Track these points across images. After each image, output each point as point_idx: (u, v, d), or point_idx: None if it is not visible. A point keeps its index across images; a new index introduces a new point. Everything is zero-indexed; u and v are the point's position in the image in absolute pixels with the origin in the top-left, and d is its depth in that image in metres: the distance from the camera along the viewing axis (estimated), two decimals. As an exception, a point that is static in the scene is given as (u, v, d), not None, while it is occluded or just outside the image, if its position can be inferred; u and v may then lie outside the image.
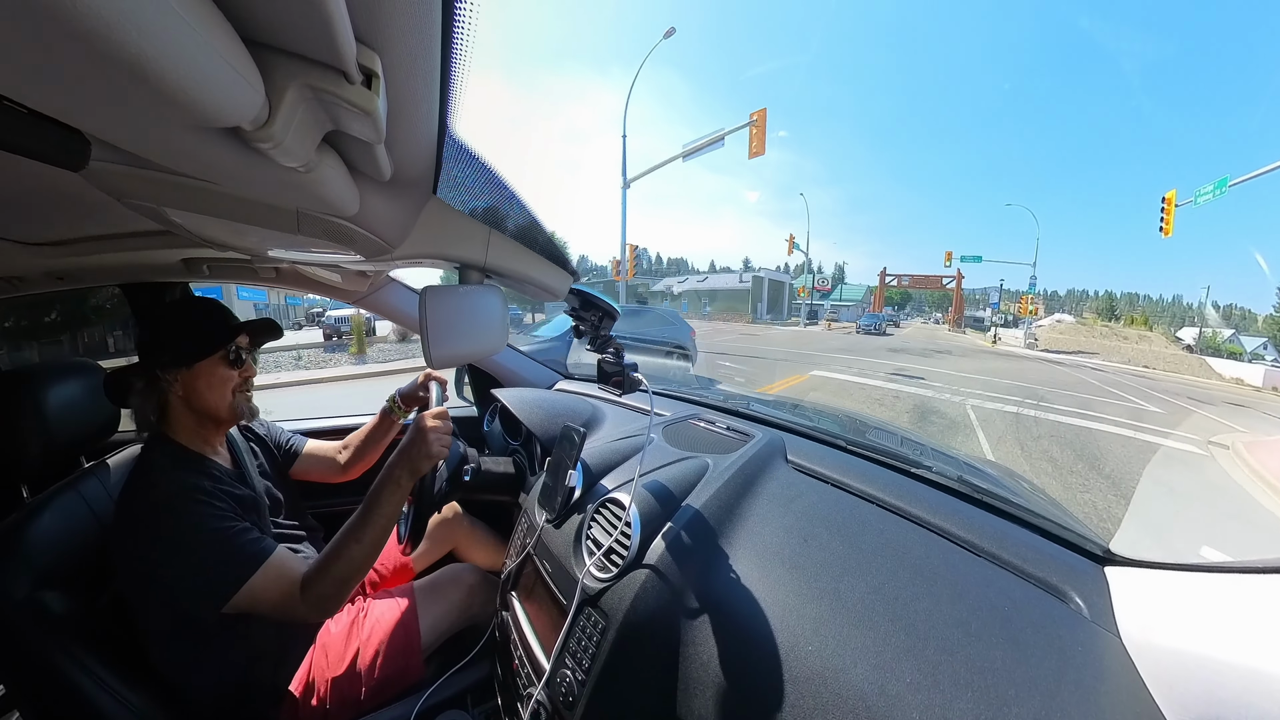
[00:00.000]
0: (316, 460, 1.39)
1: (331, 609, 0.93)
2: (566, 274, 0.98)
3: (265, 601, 0.89)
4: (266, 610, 0.90)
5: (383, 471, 0.96)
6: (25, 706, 0.87)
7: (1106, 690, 0.59)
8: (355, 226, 0.60)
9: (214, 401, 1.01)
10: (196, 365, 0.99)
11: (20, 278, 1.20)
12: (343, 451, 1.42)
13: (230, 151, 0.38)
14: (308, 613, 0.91)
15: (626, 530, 0.88)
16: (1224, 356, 29.09)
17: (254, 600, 0.88)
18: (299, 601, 0.89)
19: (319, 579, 0.91)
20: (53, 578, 0.89)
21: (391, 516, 0.95)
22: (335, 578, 0.91)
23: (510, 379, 1.94)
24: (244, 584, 0.87)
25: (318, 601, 0.91)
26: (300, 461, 1.37)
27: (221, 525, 0.90)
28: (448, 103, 0.43)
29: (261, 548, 0.91)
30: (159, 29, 0.24)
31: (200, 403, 1.00)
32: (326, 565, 0.91)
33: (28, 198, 0.73)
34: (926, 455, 1.23)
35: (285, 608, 0.90)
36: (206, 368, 0.99)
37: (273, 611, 0.90)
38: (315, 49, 0.32)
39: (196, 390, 0.99)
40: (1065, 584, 0.74)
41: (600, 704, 0.77)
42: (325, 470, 1.39)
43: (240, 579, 0.87)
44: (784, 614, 0.73)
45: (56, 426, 1.07)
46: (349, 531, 0.93)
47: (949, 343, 26.69)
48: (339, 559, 0.91)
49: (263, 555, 0.90)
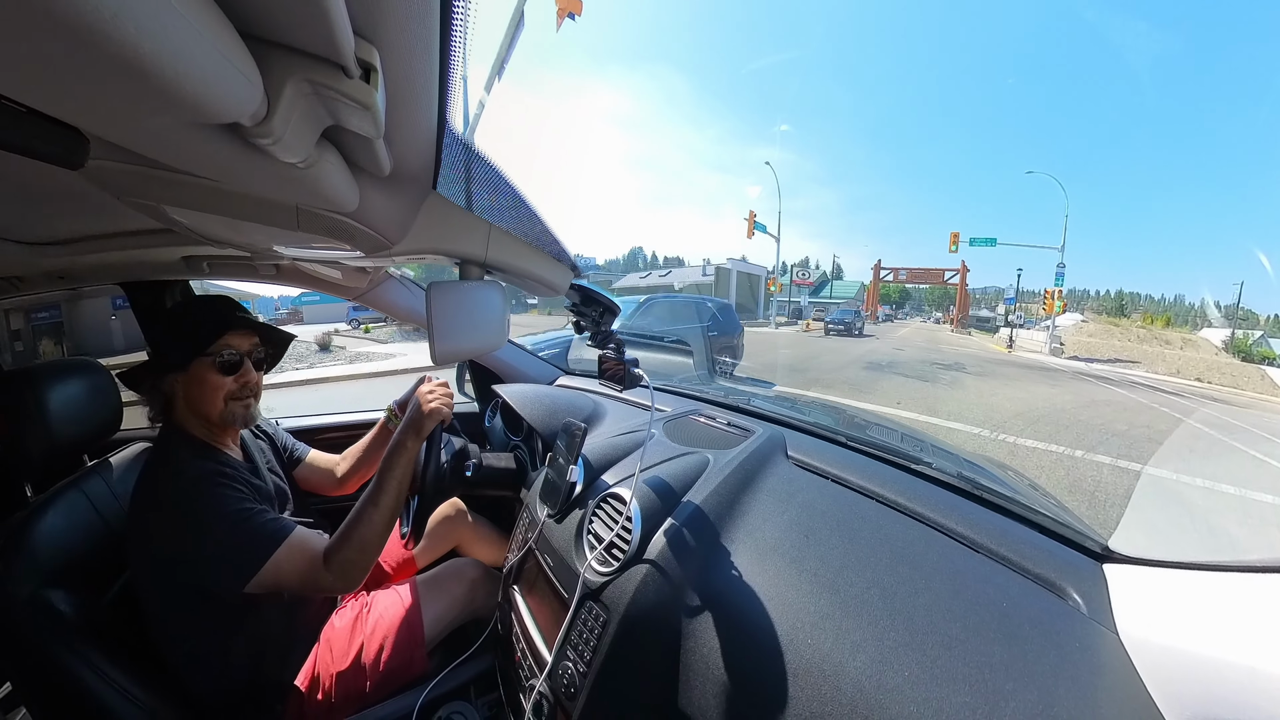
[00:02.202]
0: (316, 470, 1.39)
1: (355, 576, 0.96)
2: (567, 269, 0.98)
3: (290, 575, 0.91)
4: (292, 584, 0.92)
5: (391, 440, 1.02)
6: (32, 703, 0.87)
7: (1104, 687, 0.59)
8: (355, 222, 0.60)
9: (205, 408, 1.00)
10: (189, 369, 0.99)
11: (20, 277, 1.20)
12: (340, 464, 1.41)
13: (229, 148, 0.38)
14: (333, 581, 0.93)
15: (627, 525, 0.89)
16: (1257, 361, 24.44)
17: (279, 575, 0.90)
18: (323, 571, 0.92)
19: (342, 546, 0.94)
20: (57, 575, 0.90)
21: (404, 482, 1.00)
22: (358, 543, 0.95)
23: (511, 375, 1.95)
24: (268, 560, 0.89)
25: (342, 568, 0.93)
26: (301, 468, 1.37)
27: (242, 506, 0.93)
28: (447, 97, 0.42)
29: (282, 526, 0.94)
30: (157, 25, 0.24)
31: (194, 407, 1.01)
32: (348, 533, 0.95)
33: (27, 197, 0.73)
34: (926, 451, 1.23)
35: (310, 578, 0.92)
36: (197, 373, 0.99)
37: (298, 584, 0.92)
38: (313, 43, 0.32)
39: (189, 394, 1.00)
40: (1064, 581, 0.74)
41: (602, 695, 0.78)
42: (323, 481, 1.39)
43: (263, 556, 0.89)
44: (784, 608, 0.73)
45: (59, 425, 1.07)
46: (366, 500, 0.97)
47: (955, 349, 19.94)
48: (360, 525, 0.95)
49: (284, 533, 0.93)
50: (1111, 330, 31.93)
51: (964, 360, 14.47)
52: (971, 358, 15.84)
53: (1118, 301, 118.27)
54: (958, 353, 17.75)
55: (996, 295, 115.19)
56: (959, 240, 28.03)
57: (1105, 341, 27.69)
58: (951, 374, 10.99)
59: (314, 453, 1.40)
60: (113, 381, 1.21)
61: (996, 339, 29.73)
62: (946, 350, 18.41)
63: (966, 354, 17.25)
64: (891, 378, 10.18)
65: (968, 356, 16.18)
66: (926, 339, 27.16)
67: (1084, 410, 7.97)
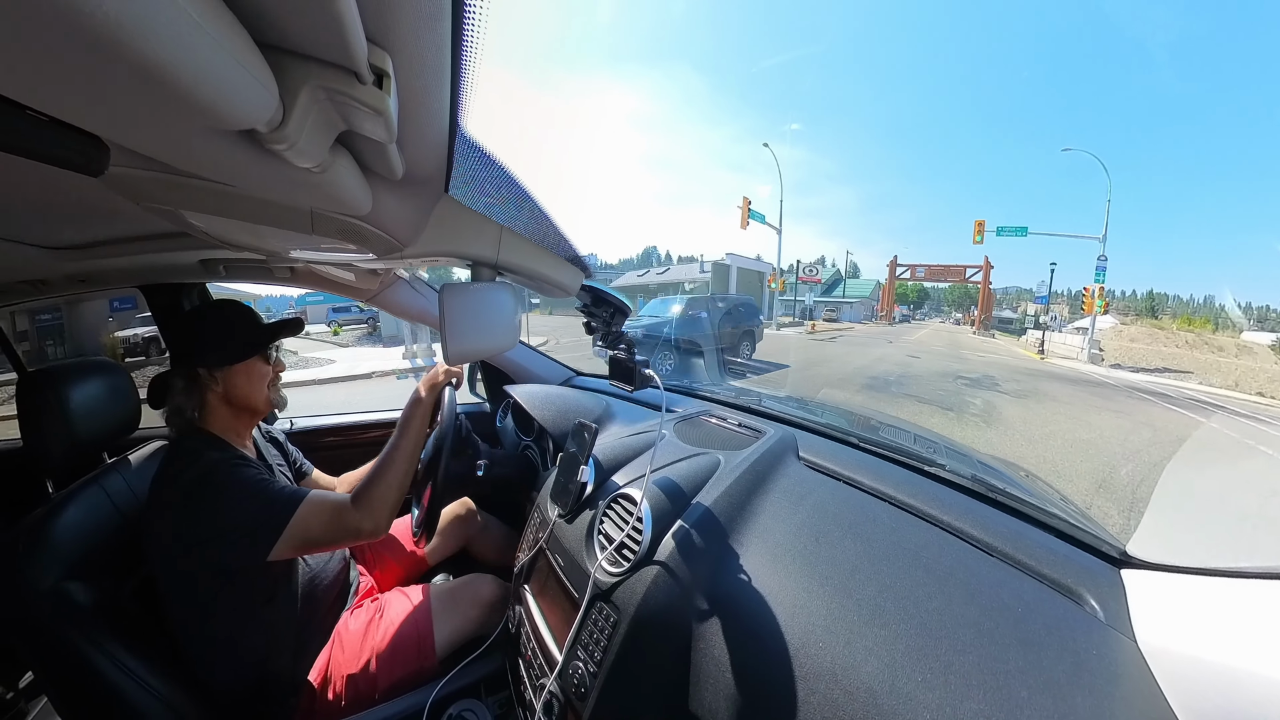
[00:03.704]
0: (319, 486, 1.40)
1: (381, 514, 1.03)
2: (578, 270, 0.98)
3: (317, 526, 0.95)
4: (321, 534, 0.96)
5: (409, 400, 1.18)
6: (53, 692, 0.89)
7: (1121, 695, 0.58)
8: (368, 225, 0.60)
9: (253, 395, 1.09)
10: (239, 363, 1.06)
11: (44, 281, 1.23)
12: (339, 487, 1.42)
13: (246, 154, 0.39)
14: (361, 519, 1.00)
15: (638, 526, 0.89)
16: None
17: (306, 530, 0.94)
18: (352, 511, 0.99)
19: (369, 488, 1.04)
20: (78, 569, 0.92)
21: (420, 433, 1.15)
22: (383, 483, 1.05)
23: (522, 375, 1.96)
24: (293, 515, 0.93)
25: (370, 504, 1.02)
26: (306, 482, 1.39)
27: (260, 478, 0.98)
28: (458, 101, 0.43)
29: (299, 489, 1.00)
30: (176, 35, 0.24)
31: (239, 397, 1.07)
32: (375, 478, 1.06)
33: (51, 204, 0.75)
34: (940, 453, 1.22)
35: (338, 522, 0.98)
36: (247, 365, 1.07)
37: (328, 532, 0.97)
38: (327, 50, 0.32)
39: (236, 386, 1.06)
40: (1080, 586, 0.72)
41: (612, 695, 0.78)
42: None
43: (288, 513, 0.93)
44: (795, 610, 0.73)
45: (80, 424, 1.09)
46: (389, 450, 1.11)
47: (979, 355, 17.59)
48: (385, 468, 1.07)
49: (302, 494, 0.98)
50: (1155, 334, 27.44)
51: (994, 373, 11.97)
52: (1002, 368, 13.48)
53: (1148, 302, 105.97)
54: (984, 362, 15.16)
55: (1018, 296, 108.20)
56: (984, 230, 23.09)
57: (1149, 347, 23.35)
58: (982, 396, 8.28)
59: (317, 472, 1.43)
60: (131, 381, 1.24)
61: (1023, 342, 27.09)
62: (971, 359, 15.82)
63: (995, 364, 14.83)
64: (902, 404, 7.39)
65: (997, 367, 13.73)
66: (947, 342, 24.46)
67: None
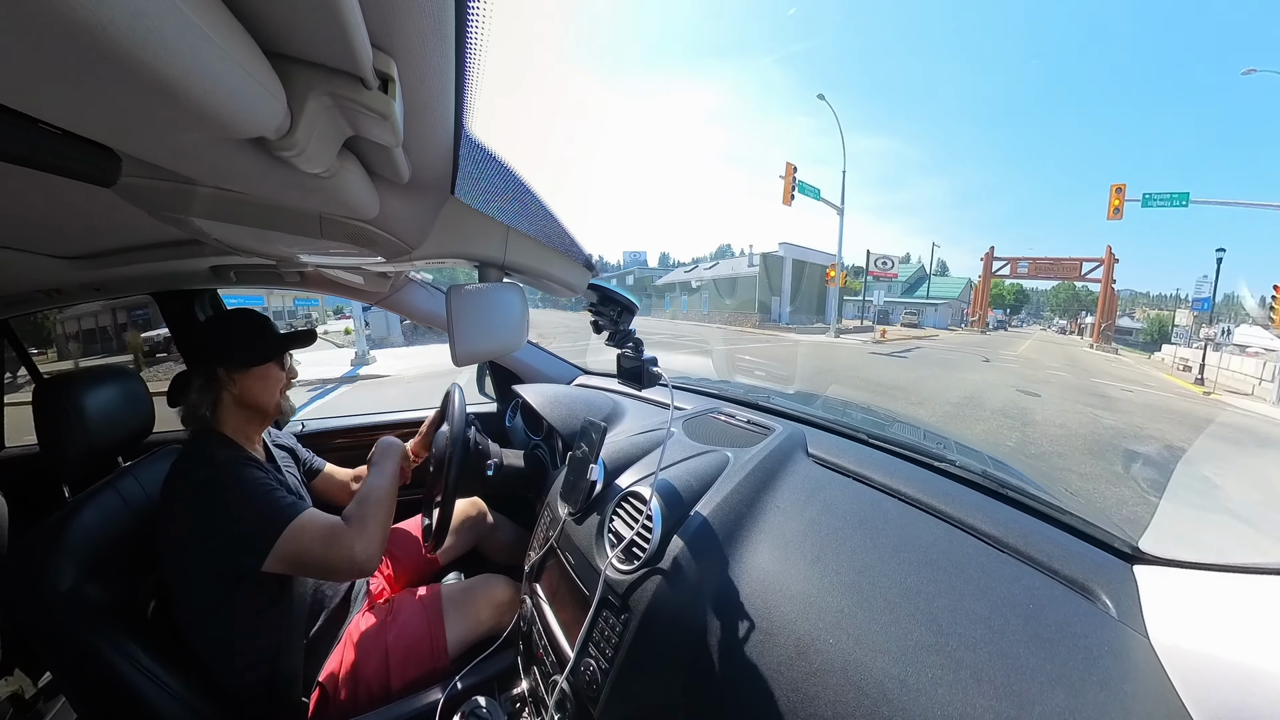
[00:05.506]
0: (332, 481, 1.46)
1: (371, 539, 1.02)
2: (584, 269, 0.98)
3: (311, 541, 0.95)
4: (314, 552, 0.95)
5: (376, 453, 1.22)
6: (71, 692, 0.91)
7: (1133, 692, 0.57)
8: (376, 229, 0.61)
9: (265, 399, 1.12)
10: (258, 366, 1.09)
11: (59, 289, 1.25)
12: (354, 484, 1.48)
13: (255, 161, 0.39)
14: (354, 537, 0.99)
15: (648, 524, 0.89)
16: None
17: (299, 545, 0.94)
18: (345, 530, 0.99)
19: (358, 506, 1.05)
20: (94, 571, 0.93)
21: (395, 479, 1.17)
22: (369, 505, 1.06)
23: (531, 375, 1.97)
24: (284, 530, 0.93)
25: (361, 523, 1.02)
26: (319, 479, 1.43)
27: (264, 483, 0.99)
28: (463, 103, 0.43)
29: (299, 504, 0.99)
30: (185, 48, 0.25)
31: (252, 400, 1.09)
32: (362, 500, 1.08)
33: (65, 214, 0.76)
34: (950, 449, 1.21)
35: (332, 539, 0.97)
36: (265, 369, 1.11)
37: (321, 550, 0.96)
38: (333, 57, 0.33)
39: (251, 388, 1.08)
40: (1092, 582, 0.72)
41: (623, 692, 0.79)
42: (337, 495, 1.45)
43: (279, 527, 0.93)
44: (805, 607, 0.73)
45: (96, 429, 1.11)
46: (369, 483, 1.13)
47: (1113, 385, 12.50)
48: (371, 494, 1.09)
49: (299, 508, 0.98)
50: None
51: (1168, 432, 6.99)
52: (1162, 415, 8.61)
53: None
54: (1129, 403, 9.79)
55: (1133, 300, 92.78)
56: (1124, 199, 15.38)
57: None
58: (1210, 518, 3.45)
59: (330, 466, 1.47)
60: (145, 386, 1.26)
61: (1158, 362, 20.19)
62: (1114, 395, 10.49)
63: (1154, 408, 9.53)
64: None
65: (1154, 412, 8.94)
66: (1062, 361, 18.11)
67: None
